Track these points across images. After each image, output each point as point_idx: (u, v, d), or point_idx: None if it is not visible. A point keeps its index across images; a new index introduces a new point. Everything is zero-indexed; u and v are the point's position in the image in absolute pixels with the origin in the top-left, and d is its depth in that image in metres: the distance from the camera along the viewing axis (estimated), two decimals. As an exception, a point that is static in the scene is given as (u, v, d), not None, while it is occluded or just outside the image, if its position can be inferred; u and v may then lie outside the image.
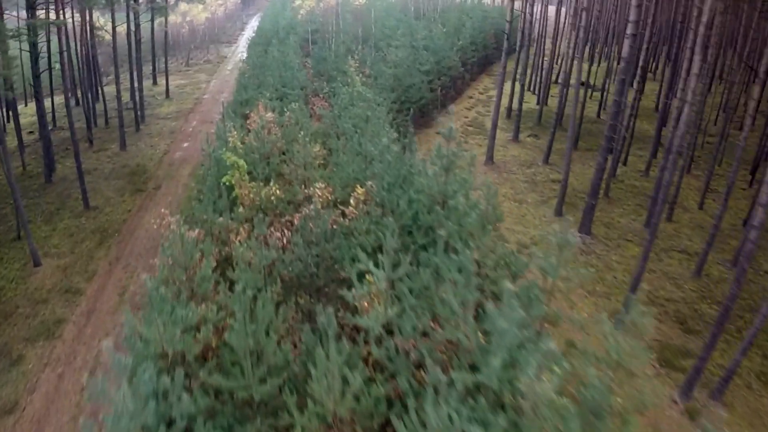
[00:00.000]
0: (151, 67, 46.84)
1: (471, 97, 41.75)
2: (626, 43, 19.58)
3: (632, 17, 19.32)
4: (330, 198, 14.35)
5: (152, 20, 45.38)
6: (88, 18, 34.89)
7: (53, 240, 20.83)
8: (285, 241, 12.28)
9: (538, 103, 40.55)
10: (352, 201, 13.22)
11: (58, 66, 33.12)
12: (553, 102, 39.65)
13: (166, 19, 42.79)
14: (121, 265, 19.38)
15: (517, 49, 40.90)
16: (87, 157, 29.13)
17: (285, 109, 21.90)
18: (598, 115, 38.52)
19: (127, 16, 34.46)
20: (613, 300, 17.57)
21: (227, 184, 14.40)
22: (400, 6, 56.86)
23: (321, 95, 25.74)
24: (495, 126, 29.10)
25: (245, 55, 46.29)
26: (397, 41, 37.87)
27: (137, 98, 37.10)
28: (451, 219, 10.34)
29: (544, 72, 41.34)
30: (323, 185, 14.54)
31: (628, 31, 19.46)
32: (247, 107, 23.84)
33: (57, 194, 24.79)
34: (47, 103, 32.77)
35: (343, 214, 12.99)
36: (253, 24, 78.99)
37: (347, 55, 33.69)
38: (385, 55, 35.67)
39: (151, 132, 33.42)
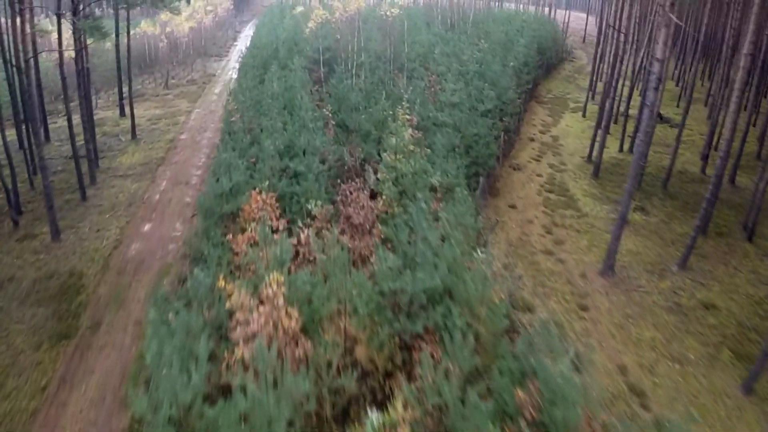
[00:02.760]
0: (118, 93, 37.01)
1: (532, 139, 32.05)
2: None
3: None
4: None
5: (117, 34, 35.68)
6: (27, 27, 24.97)
7: None
8: None
9: (620, 149, 30.88)
10: None
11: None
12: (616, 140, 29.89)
13: (127, 35, 32.87)
14: None
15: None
16: (3, 253, 19.48)
17: (298, 222, 12.32)
18: (703, 171, 28.78)
19: (73, 36, 24.45)
20: None
21: None
22: (424, 15, 47.22)
23: (357, 180, 15.95)
24: (623, 220, 19.24)
25: (235, 80, 36.60)
26: (441, 65, 28.27)
27: (91, 144, 27.42)
28: None
29: (610, 100, 31.74)
30: None
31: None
32: (232, 205, 14.08)
33: None
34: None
35: None
36: (248, 33, 69.08)
37: (380, 89, 23.95)
38: (430, 87, 25.99)
39: (102, 203, 23.54)
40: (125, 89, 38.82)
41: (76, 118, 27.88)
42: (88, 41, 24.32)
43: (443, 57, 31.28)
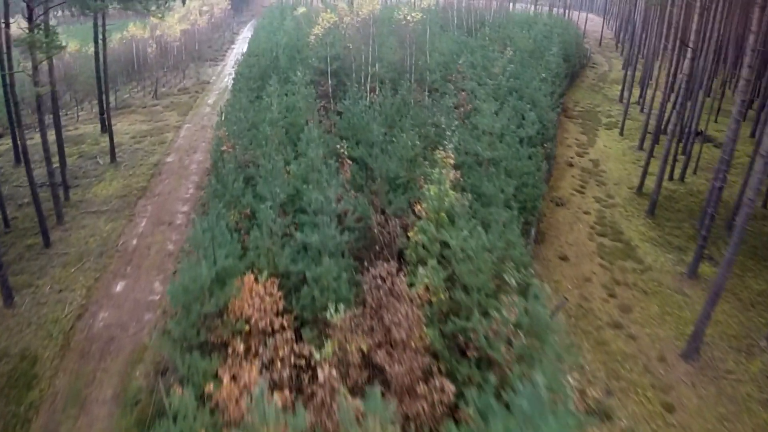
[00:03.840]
0: (99, 106, 32.94)
1: (570, 164, 28.06)
2: None
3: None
4: None
5: (96, 39, 31.67)
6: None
7: None
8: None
9: (670, 178, 26.89)
10: None
11: None
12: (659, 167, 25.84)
13: (102, 43, 28.79)
14: None
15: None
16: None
17: (308, 329, 8.45)
18: (765, 205, 24.80)
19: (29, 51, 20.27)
20: None
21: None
22: (439, 19, 43.25)
23: (388, 253, 11.94)
24: (717, 296, 15.23)
25: (226, 97, 32.56)
26: (469, 78, 24.33)
27: (63, 170, 23.47)
28: None
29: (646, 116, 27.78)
30: None
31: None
32: (217, 299, 10.08)
33: None
34: None
35: None
36: (246, 34, 64.97)
37: (404, 110, 19.93)
38: (459, 106, 22.01)
39: (69, 250, 19.52)
40: (112, 99, 34.94)
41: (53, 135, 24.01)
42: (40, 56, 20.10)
43: (469, 67, 27.30)
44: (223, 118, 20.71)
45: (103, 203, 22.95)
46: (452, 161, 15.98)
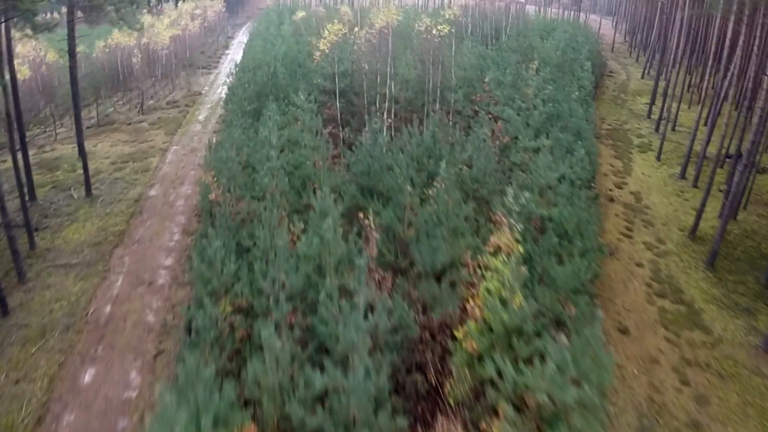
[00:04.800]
0: (75, 126, 29.34)
1: (611, 198, 24.80)
2: None
3: None
4: None
5: (72, 53, 28.00)
6: None
7: None
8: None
9: (719, 215, 23.66)
10: None
11: None
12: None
13: (71, 56, 25.17)
14: None
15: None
16: None
17: None
18: None
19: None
20: None
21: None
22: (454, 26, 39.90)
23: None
24: None
25: (220, 108, 29.15)
26: (500, 102, 21.14)
27: (23, 211, 19.99)
28: None
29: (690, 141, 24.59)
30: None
31: None
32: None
33: None
34: None
35: None
36: (241, 39, 61.37)
37: (434, 148, 16.56)
38: (494, 137, 18.70)
39: (29, 321, 16.06)
40: (94, 114, 31.50)
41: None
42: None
43: (497, 85, 24.02)
44: (211, 159, 17.30)
45: (73, 253, 19.51)
46: (513, 237, 12.70)
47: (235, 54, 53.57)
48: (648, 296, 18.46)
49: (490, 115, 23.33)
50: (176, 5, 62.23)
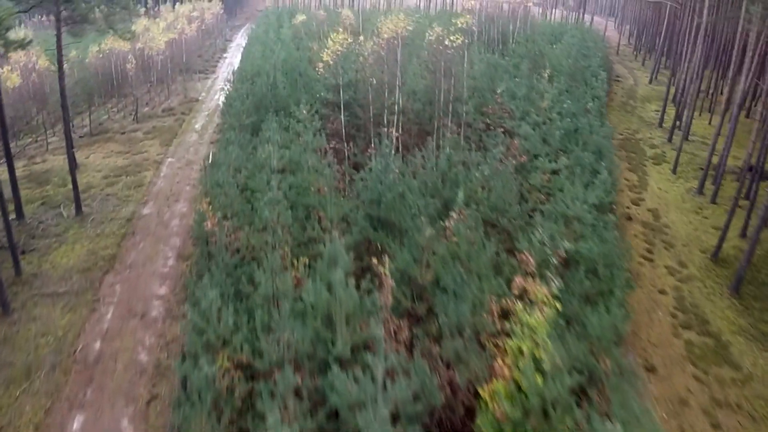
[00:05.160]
0: (65, 137, 28.02)
1: (629, 216, 23.68)
2: None
3: None
4: None
5: (61, 64, 26.55)
6: None
7: None
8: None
9: (743, 233, 22.59)
10: None
11: None
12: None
13: (58, 64, 23.83)
14: None
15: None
16: None
17: None
18: None
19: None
20: None
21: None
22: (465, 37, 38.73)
23: None
24: None
25: (217, 117, 27.96)
26: (516, 119, 20.10)
27: (7, 232, 18.75)
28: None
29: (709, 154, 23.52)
30: None
31: None
32: None
33: None
34: None
35: None
36: (240, 41, 60.03)
37: (450, 172, 15.36)
38: (511, 156, 17.51)
39: (14, 359, 14.81)
40: (87, 123, 30.29)
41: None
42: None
43: (510, 97, 22.88)
44: (207, 181, 16.10)
45: (61, 280, 18.30)
46: (526, 265, 11.59)
47: (233, 58, 52.27)
48: (673, 328, 17.35)
49: (502, 129, 22.20)
50: (173, 6, 60.94)
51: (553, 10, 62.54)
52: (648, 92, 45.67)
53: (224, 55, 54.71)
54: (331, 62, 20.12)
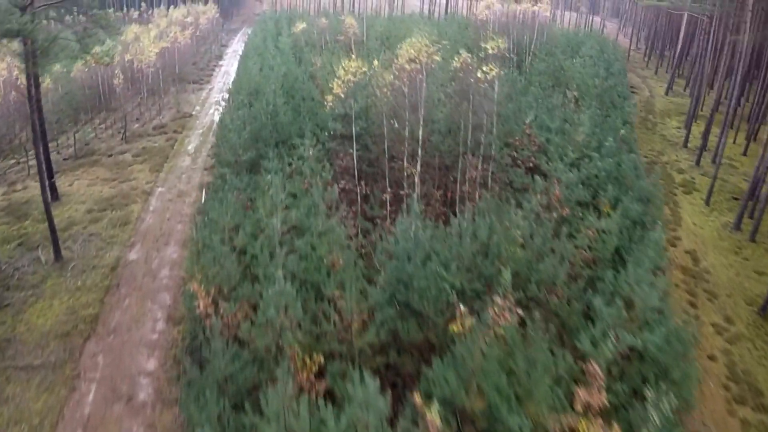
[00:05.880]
0: (42, 164, 25.64)
1: (669, 263, 21.55)
2: None
3: None
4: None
5: (29, 78, 23.51)
6: None
7: None
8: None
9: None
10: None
11: None
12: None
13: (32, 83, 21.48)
14: None
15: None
16: None
17: None
18: None
19: None
20: None
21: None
22: (470, 41, 36.38)
23: None
24: None
25: (213, 135, 25.73)
26: (552, 158, 18.04)
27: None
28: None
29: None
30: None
31: None
32: None
33: None
34: None
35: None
36: (236, 47, 57.50)
37: (489, 251, 13.16)
38: (552, 207, 15.38)
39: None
40: (74, 138, 27.91)
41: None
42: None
43: (541, 130, 20.72)
44: (197, 247, 13.82)
45: (37, 347, 16.03)
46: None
47: (229, 66, 49.79)
48: (727, 403, 15.34)
49: (531, 163, 20.05)
50: (167, 9, 58.34)
51: (566, 13, 60.23)
52: (666, 105, 43.59)
53: (220, 62, 52.16)
54: (343, 95, 17.77)
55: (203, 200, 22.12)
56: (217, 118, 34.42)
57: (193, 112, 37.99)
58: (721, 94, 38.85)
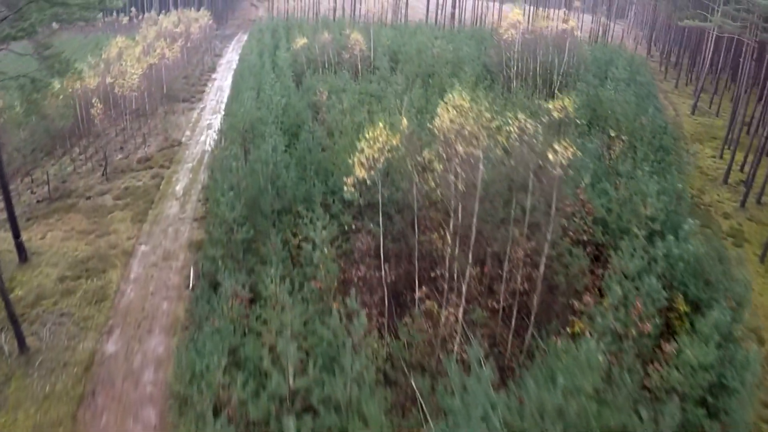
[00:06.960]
0: (8, 217, 22.10)
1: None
2: None
3: None
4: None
5: None
6: None
7: None
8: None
9: None
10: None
11: None
12: None
13: None
14: None
15: None
16: None
17: None
18: None
19: None
20: None
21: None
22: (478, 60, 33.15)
23: None
24: None
25: (205, 170, 22.77)
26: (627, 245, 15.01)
27: None
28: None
29: None
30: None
31: None
32: None
33: None
34: None
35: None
36: (231, 56, 53.61)
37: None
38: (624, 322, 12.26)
39: None
40: (48, 174, 24.50)
41: None
42: None
43: (602, 201, 17.55)
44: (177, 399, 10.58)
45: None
46: None
47: (223, 80, 46.06)
48: None
49: (586, 238, 16.81)
50: (159, 15, 54.44)
51: (581, 15, 56.84)
52: (695, 127, 40.44)
53: (213, 75, 48.30)
54: (368, 180, 14.33)
55: (190, 285, 18.84)
56: (208, 146, 31.08)
57: (183, 139, 34.46)
58: (759, 120, 35.85)
